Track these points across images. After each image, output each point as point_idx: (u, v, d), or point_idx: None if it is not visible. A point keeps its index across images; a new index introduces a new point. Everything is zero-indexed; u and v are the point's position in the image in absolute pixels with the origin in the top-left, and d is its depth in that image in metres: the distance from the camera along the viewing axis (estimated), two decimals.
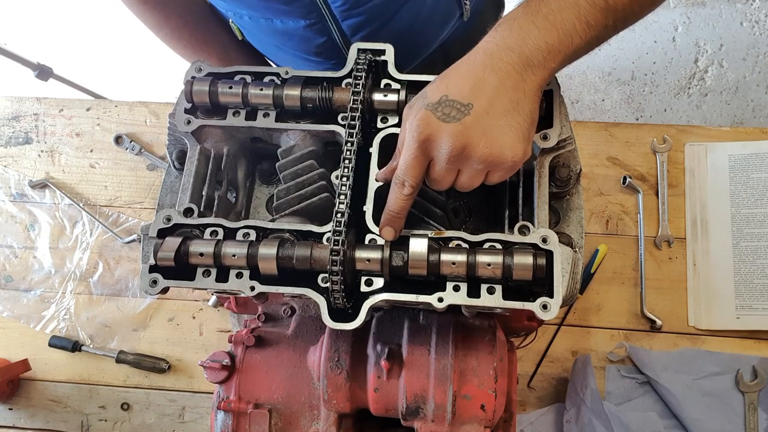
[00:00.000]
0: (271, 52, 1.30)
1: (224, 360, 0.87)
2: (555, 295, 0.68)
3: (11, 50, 1.87)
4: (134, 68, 2.81)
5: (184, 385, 1.34)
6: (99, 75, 2.71)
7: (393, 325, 0.86)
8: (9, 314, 1.40)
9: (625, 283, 1.30)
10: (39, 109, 1.51)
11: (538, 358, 1.28)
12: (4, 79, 2.45)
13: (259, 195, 0.92)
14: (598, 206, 1.35)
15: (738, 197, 1.31)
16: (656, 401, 1.23)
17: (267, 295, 0.82)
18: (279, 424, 0.86)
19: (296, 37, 1.14)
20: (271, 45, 1.23)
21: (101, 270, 1.41)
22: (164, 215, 0.75)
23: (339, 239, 0.67)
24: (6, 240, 1.45)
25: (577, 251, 0.77)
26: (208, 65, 0.82)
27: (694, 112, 2.55)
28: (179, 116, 0.80)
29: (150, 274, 0.72)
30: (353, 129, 0.74)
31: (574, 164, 0.82)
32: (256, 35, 1.22)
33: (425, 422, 0.82)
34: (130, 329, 1.37)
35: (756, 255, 1.27)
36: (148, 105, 1.50)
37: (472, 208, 0.89)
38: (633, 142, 1.37)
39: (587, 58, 0.71)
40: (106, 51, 2.89)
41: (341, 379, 0.82)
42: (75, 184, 1.46)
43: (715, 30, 2.62)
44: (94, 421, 1.34)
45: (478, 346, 0.82)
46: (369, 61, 0.79)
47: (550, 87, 0.77)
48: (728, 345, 1.25)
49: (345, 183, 0.72)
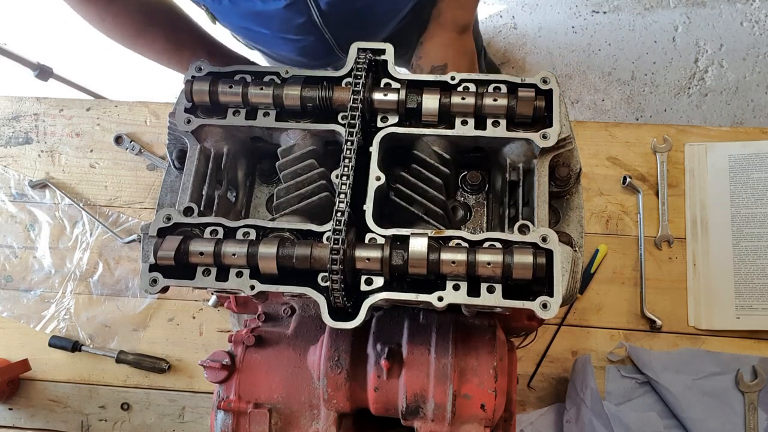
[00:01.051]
0: (246, 35, 1.30)
1: (224, 360, 0.87)
2: (555, 294, 0.68)
3: (11, 50, 1.87)
4: (134, 68, 2.81)
5: (184, 385, 1.34)
6: (99, 75, 2.71)
7: (393, 325, 0.85)
8: (9, 314, 1.40)
9: (625, 283, 1.30)
10: (39, 109, 1.51)
11: (538, 358, 1.28)
12: (4, 79, 2.45)
13: (259, 194, 0.92)
14: (598, 206, 1.35)
15: (738, 197, 1.31)
16: (656, 401, 1.23)
17: (267, 295, 0.82)
18: (279, 424, 0.86)
19: (276, 18, 1.15)
20: (247, 27, 1.24)
21: (101, 270, 1.41)
22: (164, 214, 0.75)
23: (339, 238, 0.67)
24: (6, 240, 1.45)
25: (577, 250, 0.77)
26: (208, 65, 0.82)
27: (694, 112, 2.56)
28: (179, 116, 0.80)
29: (150, 274, 0.72)
30: (353, 128, 0.74)
31: (574, 164, 0.82)
32: (233, 19, 1.22)
33: (425, 422, 0.82)
34: (130, 329, 1.37)
35: (756, 255, 1.27)
36: (148, 105, 1.50)
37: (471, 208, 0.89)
38: (633, 142, 1.37)
39: (587, 58, 0.71)
40: (106, 51, 2.88)
41: (341, 379, 0.82)
42: (75, 184, 1.46)
43: (715, 30, 2.62)
44: (94, 421, 1.34)
45: (478, 346, 0.82)
46: (369, 60, 0.79)
47: (550, 87, 0.77)
48: (728, 345, 1.25)
49: (345, 182, 0.72)
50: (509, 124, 0.77)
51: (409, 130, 0.79)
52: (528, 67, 2.66)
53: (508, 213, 0.80)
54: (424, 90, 0.78)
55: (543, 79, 0.78)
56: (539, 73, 0.78)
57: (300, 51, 1.29)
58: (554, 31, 2.68)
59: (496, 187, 0.87)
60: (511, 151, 0.80)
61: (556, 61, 2.64)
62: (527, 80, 0.78)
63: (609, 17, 2.66)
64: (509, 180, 0.80)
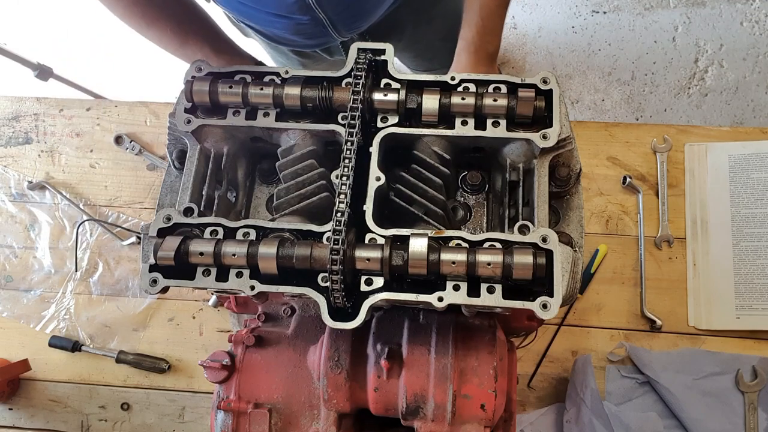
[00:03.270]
0: (240, 11, 1.29)
1: (224, 360, 0.87)
2: (555, 294, 0.68)
3: (11, 50, 1.87)
4: (134, 68, 2.81)
5: (184, 385, 1.34)
6: (99, 75, 2.71)
7: (393, 325, 0.85)
8: (9, 314, 1.40)
9: (625, 283, 1.30)
10: (39, 109, 1.51)
11: (538, 358, 1.28)
12: (4, 79, 2.45)
13: (259, 194, 0.92)
14: (598, 206, 1.35)
15: (738, 197, 1.31)
16: (656, 401, 1.23)
17: (267, 295, 0.82)
18: (279, 424, 0.86)
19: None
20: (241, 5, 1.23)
21: (101, 270, 1.41)
22: (164, 215, 0.75)
23: (339, 238, 0.67)
24: (6, 240, 1.45)
25: (577, 251, 0.77)
26: (208, 65, 0.82)
27: (694, 112, 2.56)
28: (179, 116, 0.80)
29: (150, 274, 0.72)
30: (353, 128, 0.74)
31: (574, 164, 0.82)
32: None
33: (425, 422, 0.82)
34: (130, 329, 1.37)
35: (756, 255, 1.27)
36: (148, 105, 1.50)
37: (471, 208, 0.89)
38: (633, 142, 1.37)
39: (587, 58, 0.71)
40: (106, 51, 2.89)
41: (341, 379, 0.82)
42: (75, 184, 1.46)
43: (715, 30, 2.62)
44: (94, 421, 1.34)
45: (478, 346, 0.82)
46: (369, 60, 0.79)
47: (550, 87, 0.77)
48: (728, 345, 1.25)
49: (345, 182, 0.72)
50: (509, 125, 0.77)
51: (409, 131, 0.79)
52: (528, 67, 2.66)
53: (508, 213, 0.80)
54: (424, 90, 0.78)
55: (543, 79, 0.78)
56: (539, 73, 0.78)
57: (293, 30, 1.27)
58: (554, 31, 2.68)
59: (496, 187, 0.87)
60: (511, 151, 0.80)
61: (556, 61, 2.64)
62: (527, 80, 0.78)
63: (609, 17, 2.66)
64: (509, 180, 0.80)
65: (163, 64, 2.86)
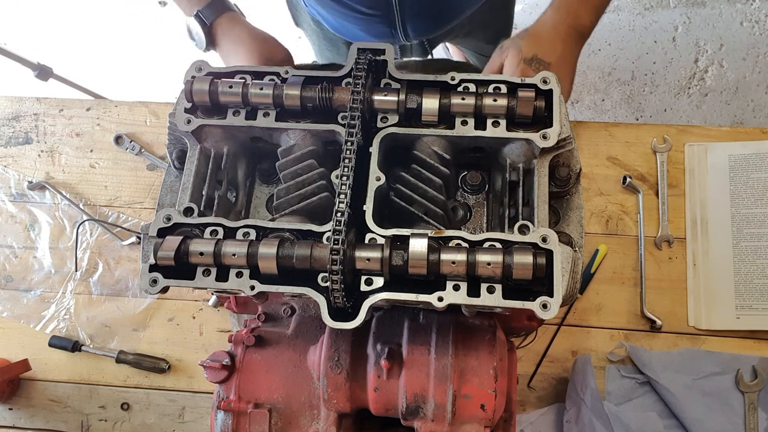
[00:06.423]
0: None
1: (224, 360, 0.87)
2: (555, 294, 0.68)
3: (11, 50, 1.87)
4: (134, 68, 2.81)
5: (184, 385, 1.34)
6: (99, 75, 2.71)
7: (393, 325, 0.86)
8: (9, 314, 1.40)
9: (625, 283, 1.30)
10: (39, 109, 1.51)
11: (538, 358, 1.28)
12: (4, 79, 2.45)
13: (259, 194, 0.92)
14: (598, 206, 1.35)
15: (738, 197, 1.31)
16: (656, 401, 1.23)
17: (267, 295, 0.82)
18: (279, 424, 0.86)
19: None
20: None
21: (101, 270, 1.41)
22: (164, 215, 0.75)
23: (339, 238, 0.67)
24: (6, 240, 1.45)
25: (577, 251, 0.77)
26: (208, 64, 0.82)
27: (694, 112, 2.56)
28: (179, 116, 0.80)
29: (150, 274, 0.72)
30: (353, 128, 0.74)
31: (574, 164, 0.82)
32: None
33: (425, 422, 0.82)
34: (130, 329, 1.37)
35: (756, 255, 1.27)
36: (148, 105, 1.50)
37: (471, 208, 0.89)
38: (633, 142, 1.37)
39: (587, 58, 0.72)
40: (106, 51, 2.89)
41: (341, 379, 0.82)
42: (75, 184, 1.46)
43: (715, 30, 2.62)
44: (94, 421, 1.34)
45: (478, 346, 0.82)
46: (369, 60, 0.79)
47: (550, 87, 0.78)
48: (728, 345, 1.25)
49: (345, 182, 0.72)
50: (509, 125, 0.77)
51: (409, 131, 0.79)
52: None
53: (508, 213, 0.80)
54: (423, 90, 0.78)
55: (543, 79, 0.78)
56: (539, 73, 0.78)
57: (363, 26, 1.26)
58: None
59: (496, 188, 0.87)
60: (511, 151, 0.80)
61: None
62: (527, 80, 0.78)
63: (609, 17, 2.66)
64: (509, 180, 0.80)
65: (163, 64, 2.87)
